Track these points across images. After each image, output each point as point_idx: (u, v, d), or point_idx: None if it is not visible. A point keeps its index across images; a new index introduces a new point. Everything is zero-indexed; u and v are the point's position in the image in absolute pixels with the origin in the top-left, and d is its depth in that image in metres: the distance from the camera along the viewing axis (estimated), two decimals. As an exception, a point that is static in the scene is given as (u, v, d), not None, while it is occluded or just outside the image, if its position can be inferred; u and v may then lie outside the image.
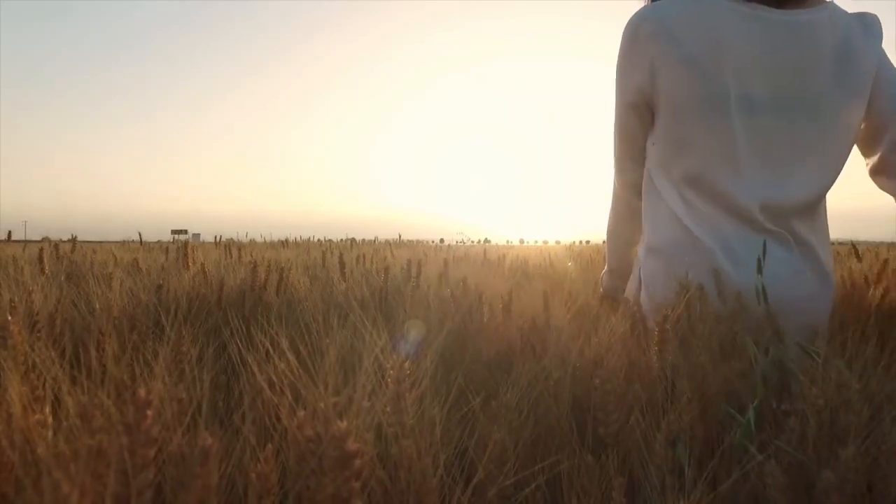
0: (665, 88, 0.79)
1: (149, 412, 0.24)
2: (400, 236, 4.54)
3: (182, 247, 1.24)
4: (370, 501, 0.33)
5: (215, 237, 3.06)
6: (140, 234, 2.38)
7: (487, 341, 0.73)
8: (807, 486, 0.42)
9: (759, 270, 0.67)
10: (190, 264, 1.21)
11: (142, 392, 0.24)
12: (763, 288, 0.63)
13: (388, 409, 0.42)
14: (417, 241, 5.70)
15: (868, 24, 0.80)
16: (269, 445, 0.33)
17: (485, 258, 2.07)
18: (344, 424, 0.27)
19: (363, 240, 5.23)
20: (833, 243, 0.92)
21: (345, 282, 1.19)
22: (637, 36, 0.80)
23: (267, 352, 0.44)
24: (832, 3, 0.79)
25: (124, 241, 2.61)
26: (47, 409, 0.30)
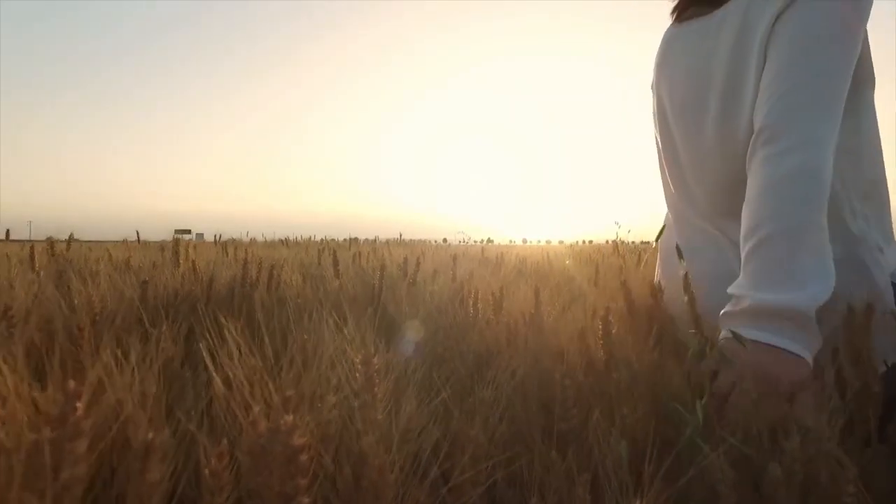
0: None
1: (78, 404, 0.23)
2: (401, 235, 4.53)
3: (174, 244, 1.23)
4: (323, 497, 0.32)
5: (215, 236, 3.06)
6: (137, 233, 2.38)
7: (472, 337, 0.72)
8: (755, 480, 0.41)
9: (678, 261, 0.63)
10: (181, 262, 1.21)
11: (71, 384, 0.23)
12: (688, 283, 0.58)
13: (355, 403, 0.41)
14: (420, 241, 5.69)
15: None
16: (224, 441, 0.32)
17: (482, 256, 2.05)
18: (290, 419, 0.26)
19: (365, 239, 5.22)
20: None
21: (338, 279, 1.18)
22: None
23: (239, 347, 0.43)
24: None
25: (125, 240, 2.61)
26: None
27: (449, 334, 0.73)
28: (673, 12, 0.83)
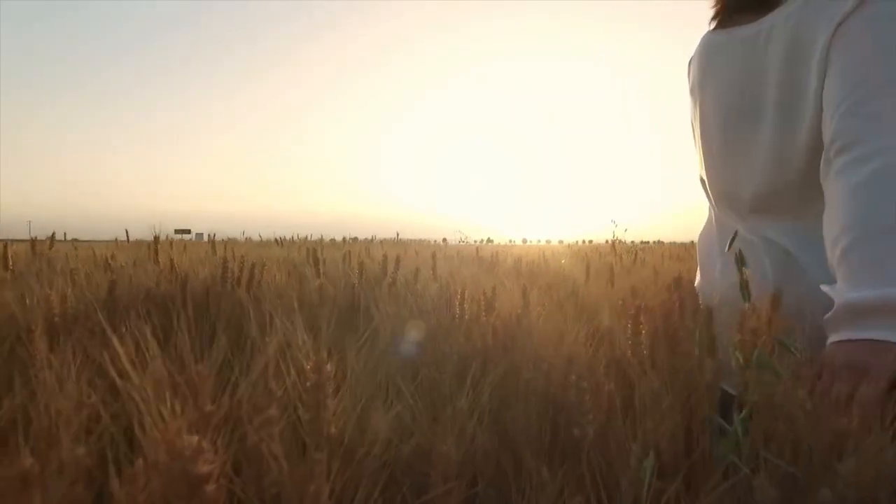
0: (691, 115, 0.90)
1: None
2: (398, 235, 4.49)
3: (153, 242, 1.19)
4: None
5: (208, 235, 3.02)
6: (127, 232, 2.34)
7: (456, 338, 0.67)
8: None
9: (736, 266, 0.62)
10: (160, 260, 1.16)
11: None
12: (746, 287, 0.58)
13: (306, 416, 0.36)
14: (419, 241, 5.64)
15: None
16: (139, 462, 0.28)
17: (477, 255, 2.01)
18: (195, 440, 0.22)
19: (364, 239, 5.17)
20: None
21: (319, 278, 1.13)
22: None
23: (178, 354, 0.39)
24: None
25: (115, 240, 2.57)
26: None
27: (431, 335, 0.68)
28: (714, 19, 0.84)
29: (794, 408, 0.39)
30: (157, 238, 1.19)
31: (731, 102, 0.78)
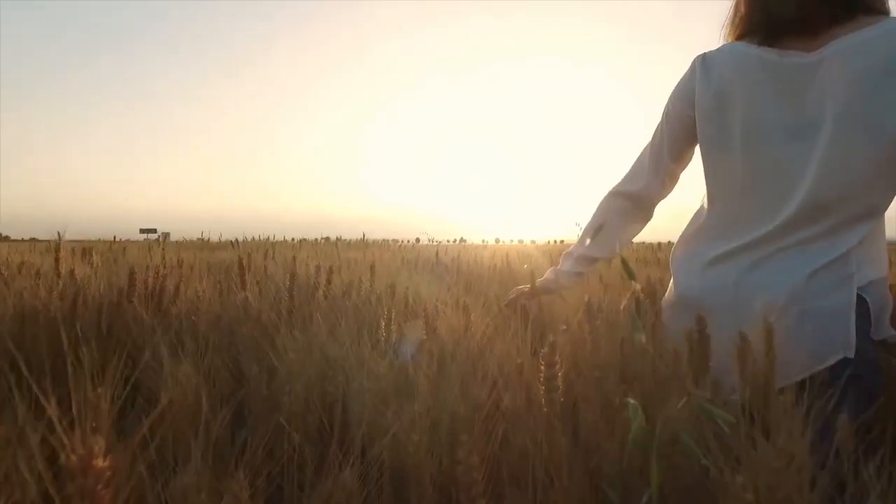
0: (698, 120, 0.87)
1: None
2: (364, 236, 4.35)
3: (55, 246, 1.04)
4: None
5: (160, 235, 2.84)
6: (59, 234, 2.14)
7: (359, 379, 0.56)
8: None
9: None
10: (61, 270, 1.02)
11: None
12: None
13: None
14: (392, 241, 5.50)
15: None
16: None
17: (436, 259, 1.90)
18: None
19: (336, 238, 5.00)
20: None
21: (244, 291, 1.01)
22: (691, 66, 0.90)
23: None
24: (864, 30, 0.73)
25: (48, 241, 2.37)
26: None
27: (334, 372, 0.57)
28: (754, 31, 0.82)
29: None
30: (58, 246, 1.04)
31: (789, 118, 0.79)
